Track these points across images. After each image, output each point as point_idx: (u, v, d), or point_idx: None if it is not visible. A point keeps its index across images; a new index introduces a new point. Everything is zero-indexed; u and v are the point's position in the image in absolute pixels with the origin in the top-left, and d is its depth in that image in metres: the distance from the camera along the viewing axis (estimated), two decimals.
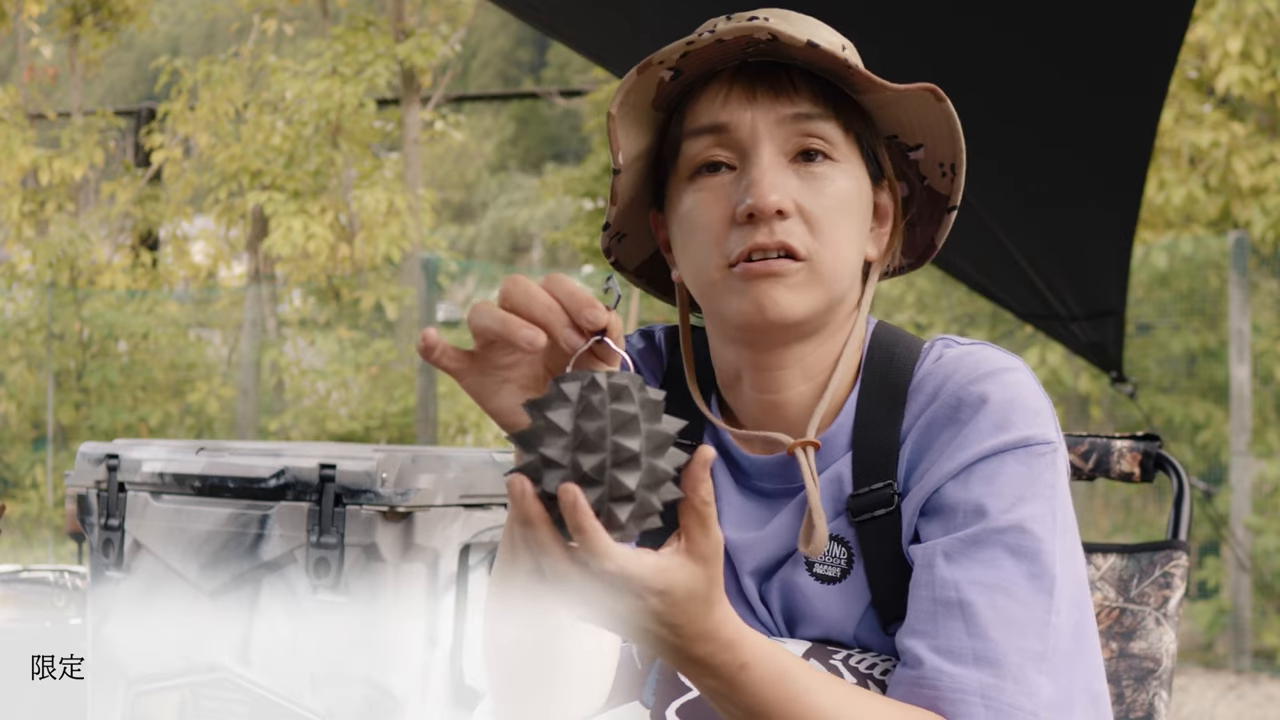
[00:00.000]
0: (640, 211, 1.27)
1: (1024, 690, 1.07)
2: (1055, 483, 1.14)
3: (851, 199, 1.17)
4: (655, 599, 0.92)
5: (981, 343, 1.22)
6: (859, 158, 1.19)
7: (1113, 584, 1.71)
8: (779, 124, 1.16)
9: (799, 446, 1.18)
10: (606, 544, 0.88)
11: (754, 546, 1.22)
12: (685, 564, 0.92)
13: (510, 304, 0.93)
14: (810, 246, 1.15)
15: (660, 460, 0.89)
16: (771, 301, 1.15)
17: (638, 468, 0.88)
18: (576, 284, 0.93)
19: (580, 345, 0.92)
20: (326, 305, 9.75)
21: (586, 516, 0.87)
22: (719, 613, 0.95)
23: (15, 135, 9.51)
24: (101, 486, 2.53)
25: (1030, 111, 3.00)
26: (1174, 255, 7.07)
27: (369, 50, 9.32)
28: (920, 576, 1.13)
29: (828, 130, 1.16)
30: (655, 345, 1.32)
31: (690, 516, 0.91)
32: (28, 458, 8.81)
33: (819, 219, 1.15)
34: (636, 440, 0.88)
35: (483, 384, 0.98)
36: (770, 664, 0.99)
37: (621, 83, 1.16)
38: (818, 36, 1.15)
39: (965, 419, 1.15)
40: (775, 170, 1.15)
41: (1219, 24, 7.08)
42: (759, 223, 1.14)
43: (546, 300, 0.93)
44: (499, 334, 0.92)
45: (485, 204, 23.81)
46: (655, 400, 0.89)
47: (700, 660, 0.97)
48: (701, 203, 1.17)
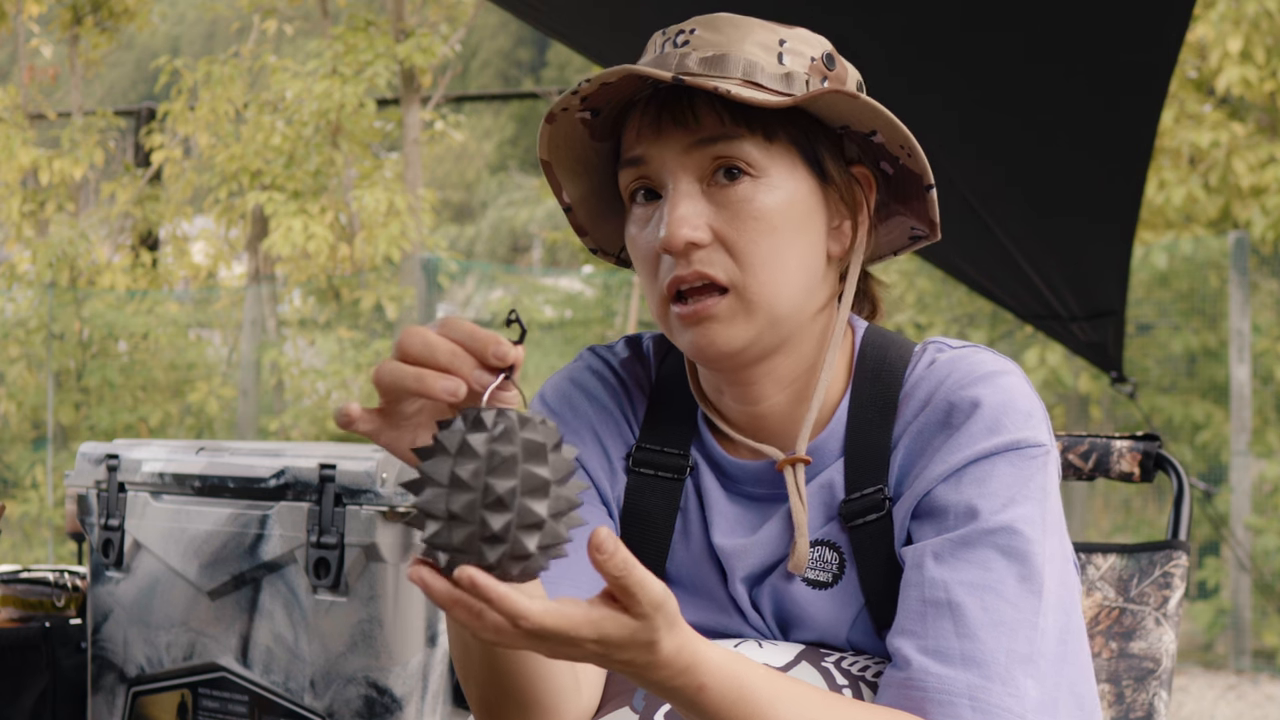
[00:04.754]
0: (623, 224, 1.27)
1: (1011, 692, 1.07)
2: (1046, 485, 1.14)
3: (777, 213, 1.15)
4: (593, 645, 0.92)
5: (974, 345, 1.21)
6: (794, 163, 1.17)
7: (1113, 584, 1.71)
8: (686, 151, 1.15)
9: (788, 464, 1.18)
10: (523, 607, 0.87)
11: (745, 553, 1.22)
12: (617, 617, 0.92)
13: (411, 357, 0.92)
14: (733, 273, 1.14)
15: (565, 489, 0.89)
16: (708, 342, 1.15)
17: (547, 495, 0.87)
18: (471, 324, 0.93)
19: (491, 382, 0.92)
20: (326, 305, 9.74)
21: (490, 590, 0.87)
22: (668, 646, 0.95)
23: (15, 135, 9.50)
24: (101, 486, 2.53)
25: (1030, 111, 3.00)
26: (1174, 255, 7.07)
27: (369, 50, 9.31)
28: (910, 577, 1.13)
29: (741, 148, 1.14)
30: (643, 354, 1.31)
31: (617, 589, 0.91)
32: (28, 458, 8.81)
33: (739, 243, 1.14)
34: (545, 468, 0.87)
35: (397, 437, 0.97)
36: (729, 684, 0.99)
37: (539, 133, 1.16)
38: (742, 43, 1.15)
39: (958, 423, 1.15)
40: (687, 201, 1.14)
41: (1219, 24, 7.07)
42: (677, 256, 1.14)
43: (449, 346, 0.92)
44: (415, 390, 0.92)
45: (485, 204, 23.80)
46: (557, 431, 0.89)
47: (656, 684, 0.97)
48: (637, 234, 1.18)
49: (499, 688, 1.11)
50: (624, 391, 1.29)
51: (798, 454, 1.19)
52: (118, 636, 2.50)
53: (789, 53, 1.17)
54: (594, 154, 1.22)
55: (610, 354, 1.31)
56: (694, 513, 1.25)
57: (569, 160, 1.21)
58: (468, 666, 1.12)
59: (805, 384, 1.21)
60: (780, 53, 1.16)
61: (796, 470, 1.18)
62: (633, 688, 1.16)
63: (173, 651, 2.42)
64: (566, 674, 1.13)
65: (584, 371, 1.30)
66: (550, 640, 0.90)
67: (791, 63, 1.16)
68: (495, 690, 1.11)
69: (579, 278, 10.50)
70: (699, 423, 1.26)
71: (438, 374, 0.91)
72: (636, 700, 1.15)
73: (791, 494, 1.18)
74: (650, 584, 0.91)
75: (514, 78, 24.50)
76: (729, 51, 1.15)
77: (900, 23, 2.63)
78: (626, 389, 1.29)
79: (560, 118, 1.16)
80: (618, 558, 0.89)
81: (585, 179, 1.23)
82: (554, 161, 1.20)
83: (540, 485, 0.87)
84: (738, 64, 1.14)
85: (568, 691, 1.13)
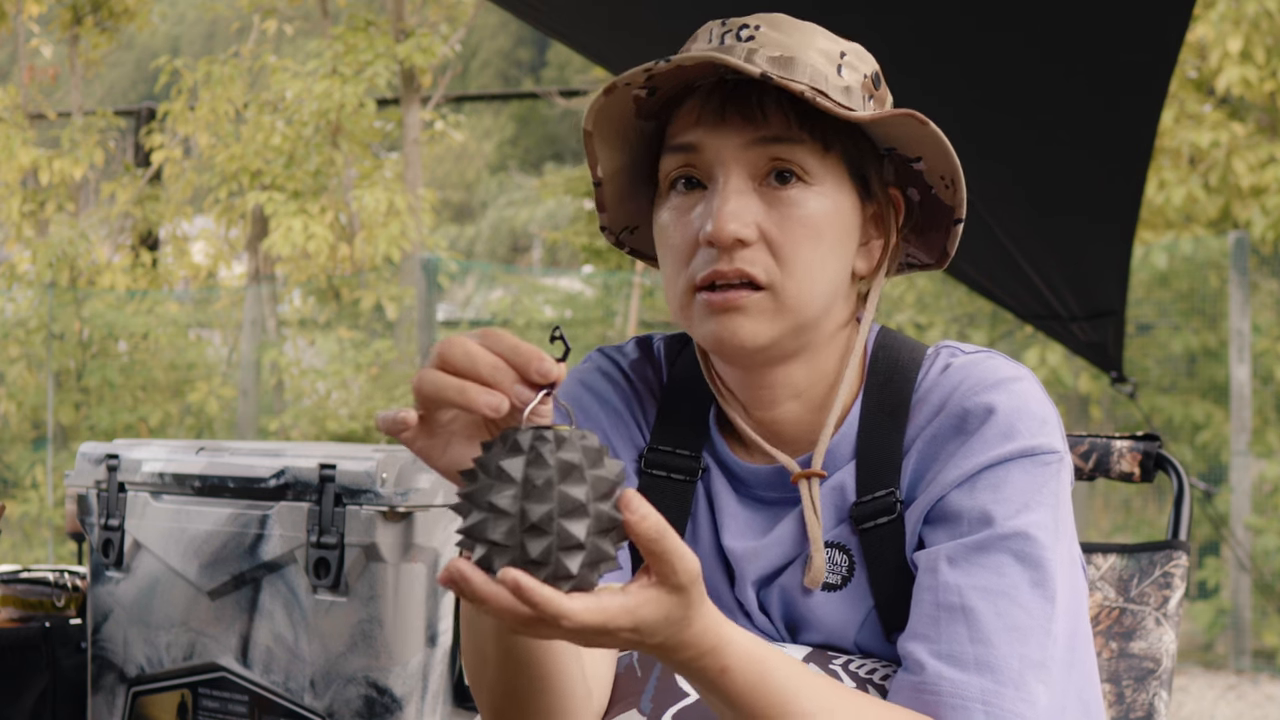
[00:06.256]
0: (647, 206, 1.27)
1: (1023, 697, 1.07)
2: (1059, 492, 1.15)
3: (824, 222, 1.15)
4: (628, 633, 0.92)
5: (987, 350, 1.21)
6: (842, 176, 1.17)
7: (1113, 584, 1.71)
8: (747, 147, 1.15)
9: (803, 478, 1.18)
10: (564, 607, 0.87)
11: (756, 555, 1.22)
12: (657, 596, 0.92)
13: (452, 367, 0.92)
14: (773, 274, 1.14)
15: (606, 505, 0.88)
16: (730, 333, 1.15)
17: (586, 515, 0.87)
18: (514, 337, 0.92)
19: (532, 399, 0.91)
20: (326, 305, 9.74)
21: (534, 592, 0.86)
22: (698, 625, 0.95)
23: (15, 135, 9.50)
24: (101, 486, 2.53)
25: (1030, 111, 3.00)
26: (1174, 255, 7.07)
27: (369, 50, 9.31)
28: (923, 581, 1.13)
29: (799, 153, 1.15)
30: (654, 356, 1.31)
31: (651, 556, 0.91)
32: (28, 458, 8.80)
33: (784, 246, 1.14)
34: (583, 489, 0.87)
35: (431, 445, 0.96)
36: (752, 668, 1.00)
37: (592, 103, 1.16)
38: (808, 49, 1.15)
39: (972, 429, 1.15)
40: (739, 197, 1.14)
41: (1219, 24, 7.07)
42: (720, 250, 1.14)
43: (491, 359, 0.91)
44: (457, 402, 0.91)
45: (485, 204, 23.80)
46: (597, 447, 0.89)
47: (682, 664, 0.98)
48: (672, 221, 1.18)
49: (512, 693, 1.11)
50: (634, 394, 1.29)
51: (813, 468, 1.19)
52: (118, 636, 2.50)
53: (847, 66, 1.17)
54: (634, 131, 1.21)
55: (620, 355, 1.31)
56: (704, 516, 1.25)
57: (609, 132, 1.20)
58: (480, 672, 1.12)
59: (821, 395, 1.21)
60: (840, 65, 1.17)
61: (812, 484, 1.19)
62: (640, 690, 1.16)
63: (173, 651, 2.42)
64: (579, 676, 1.13)
65: (593, 373, 1.30)
66: (586, 633, 0.90)
67: (849, 76, 1.17)
68: (508, 697, 1.11)
69: (579, 278, 10.51)
70: (710, 426, 1.26)
71: (481, 388, 0.90)
72: (644, 702, 1.16)
73: (807, 509, 1.18)
74: (686, 553, 0.91)
75: (514, 78, 24.50)
76: (796, 55, 1.14)
77: (902, 23, 2.63)
78: (636, 391, 1.29)
79: (618, 92, 1.15)
80: (650, 520, 0.89)
81: (620, 154, 1.22)
82: (596, 133, 1.19)
83: (577, 507, 0.87)
84: (805, 69, 1.14)
85: (579, 695, 1.13)
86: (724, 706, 1.02)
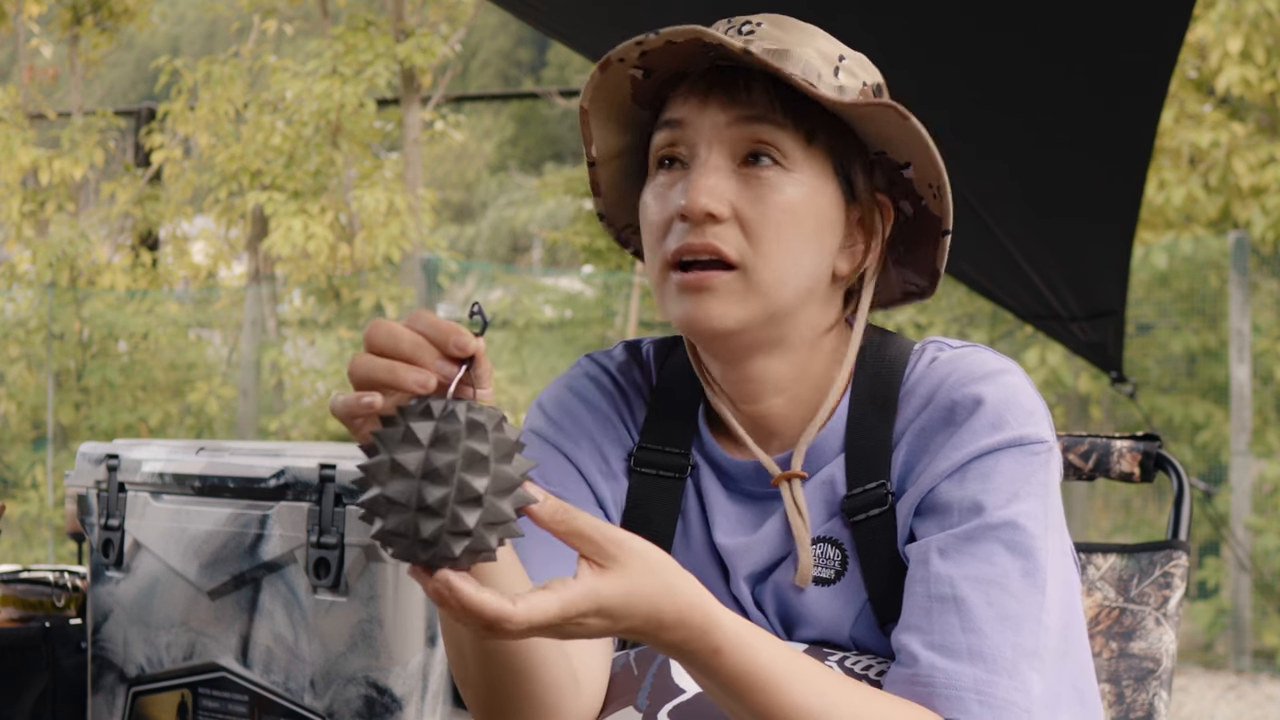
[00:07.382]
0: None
1: (1017, 686, 1.08)
2: (1048, 482, 1.15)
3: (800, 209, 1.16)
4: (595, 619, 0.93)
5: (974, 345, 1.22)
6: (825, 171, 1.18)
7: (1113, 584, 1.71)
8: (729, 125, 1.16)
9: (784, 480, 1.19)
10: (505, 611, 0.89)
11: (748, 551, 1.22)
12: (601, 575, 0.94)
13: (379, 348, 0.93)
14: (745, 253, 1.15)
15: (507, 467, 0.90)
16: (703, 314, 1.15)
17: (486, 472, 0.88)
18: (435, 316, 0.94)
19: (455, 374, 0.93)
20: (326, 305, 9.74)
21: (467, 597, 0.88)
22: (673, 604, 0.96)
23: (15, 135, 9.50)
24: (101, 486, 2.53)
25: (1030, 111, 3.00)
26: (1174, 255, 7.07)
27: (369, 50, 9.31)
28: (915, 573, 1.13)
29: (780, 137, 1.16)
30: (641, 359, 1.32)
31: (568, 539, 0.93)
32: (28, 458, 8.81)
33: (756, 225, 1.15)
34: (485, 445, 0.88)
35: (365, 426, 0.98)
36: (746, 650, 1.00)
37: (588, 80, 1.17)
38: (805, 46, 1.16)
39: (961, 420, 1.15)
40: (715, 173, 1.15)
41: (1219, 24, 7.08)
42: (692, 224, 1.14)
43: (413, 337, 0.93)
44: (387, 382, 0.92)
45: (485, 204, 23.80)
46: (500, 415, 0.91)
47: (674, 646, 0.99)
48: (653, 199, 1.19)
49: (494, 690, 1.11)
50: (622, 397, 1.29)
51: (794, 469, 1.19)
52: (118, 636, 2.50)
53: (845, 70, 1.18)
54: (630, 116, 1.23)
55: (608, 360, 1.32)
56: (694, 513, 1.26)
57: (606, 113, 1.21)
58: (462, 669, 1.13)
59: (808, 394, 1.22)
60: (838, 67, 1.18)
61: (793, 485, 1.19)
62: (636, 687, 1.17)
63: (173, 651, 2.42)
64: (564, 672, 1.13)
65: (581, 379, 1.30)
66: (546, 629, 0.91)
67: (845, 79, 1.17)
68: (491, 693, 1.12)
69: (579, 278, 10.51)
70: (699, 423, 1.26)
71: (408, 366, 0.92)
72: (640, 700, 1.16)
73: (790, 510, 1.18)
74: (603, 525, 0.93)
75: (514, 78, 24.50)
76: (792, 49, 1.16)
77: (900, 23, 2.63)
78: (625, 394, 1.29)
79: (613, 69, 1.17)
80: (549, 502, 0.92)
81: (616, 138, 1.24)
82: (592, 112, 1.20)
83: (479, 460, 0.88)
84: (799, 62, 1.15)
85: (566, 690, 1.13)
86: (719, 691, 1.02)
